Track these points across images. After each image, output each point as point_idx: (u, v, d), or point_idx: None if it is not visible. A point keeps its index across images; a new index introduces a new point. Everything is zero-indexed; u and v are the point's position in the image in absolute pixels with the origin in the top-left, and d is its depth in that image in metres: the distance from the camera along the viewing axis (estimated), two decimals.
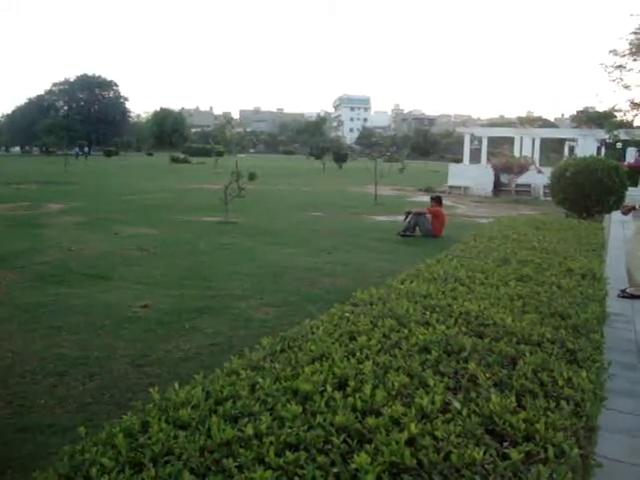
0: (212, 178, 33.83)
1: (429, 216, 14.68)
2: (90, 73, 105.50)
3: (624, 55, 23.84)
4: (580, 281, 4.47)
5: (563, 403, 2.17)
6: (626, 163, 28.53)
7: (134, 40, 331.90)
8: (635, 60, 23.39)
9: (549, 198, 18.29)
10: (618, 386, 4.98)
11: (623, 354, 5.96)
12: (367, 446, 1.82)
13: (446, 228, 14.87)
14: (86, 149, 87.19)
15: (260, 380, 2.33)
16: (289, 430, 1.92)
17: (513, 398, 2.17)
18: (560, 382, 2.36)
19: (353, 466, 1.71)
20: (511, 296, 3.74)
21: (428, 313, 3.23)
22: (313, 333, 2.94)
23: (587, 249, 6.08)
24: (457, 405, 2.07)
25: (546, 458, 1.80)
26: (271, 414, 2.06)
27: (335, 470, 1.71)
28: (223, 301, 8.15)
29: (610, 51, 23.84)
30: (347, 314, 3.24)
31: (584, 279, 4.58)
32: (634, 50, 23.28)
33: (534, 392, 2.28)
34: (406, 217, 14.92)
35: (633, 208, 9.16)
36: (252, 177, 20.95)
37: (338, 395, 2.16)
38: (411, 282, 4.06)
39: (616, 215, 16.92)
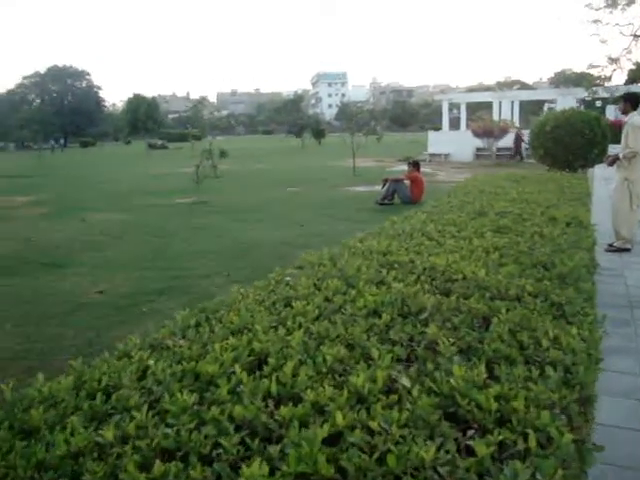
0: (188, 162, 32.98)
1: (407, 182, 14.10)
2: (61, 64, 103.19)
3: (599, 9, 23.27)
4: (565, 229, 3.94)
5: (549, 370, 1.64)
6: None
7: (105, 28, 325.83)
8: (611, 13, 22.83)
9: (532, 160, 17.82)
10: (611, 343, 4.47)
11: (615, 309, 5.46)
12: (271, 449, 1.27)
13: (426, 194, 14.29)
14: (62, 141, 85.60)
15: (153, 364, 1.77)
16: (168, 430, 1.37)
17: (483, 368, 1.63)
18: (544, 343, 1.83)
19: None
20: (486, 248, 3.20)
21: (385, 271, 2.68)
22: (240, 301, 2.38)
23: (571, 198, 5.56)
24: (405, 382, 1.53)
25: (526, 450, 1.26)
26: (153, 408, 1.50)
27: None
28: (186, 281, 7.58)
29: (585, 5, 23.24)
30: (287, 278, 2.69)
31: (569, 227, 4.05)
32: (609, 2, 22.69)
33: (511, 358, 1.74)
34: (383, 185, 14.35)
35: (617, 158, 8.64)
36: (223, 155, 20.23)
37: (249, 378, 1.61)
38: (372, 240, 3.50)
39: (599, 171, 16.46)
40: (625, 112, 8.59)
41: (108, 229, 12.39)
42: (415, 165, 14.54)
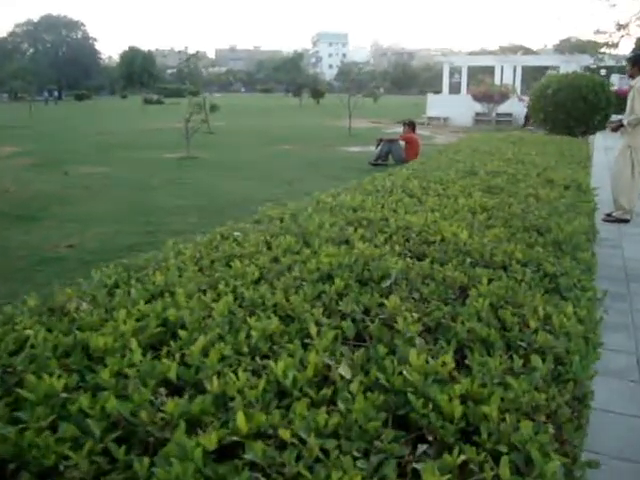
0: (183, 117, 32.18)
1: (402, 143, 13.60)
2: (55, 13, 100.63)
3: None
4: (563, 192, 3.55)
5: (535, 360, 1.26)
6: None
7: None
8: None
9: (531, 128, 17.27)
10: (606, 319, 4.12)
11: (611, 282, 5.10)
12: (138, 464, 0.90)
13: (421, 156, 13.83)
14: (55, 94, 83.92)
15: (32, 334, 1.38)
16: (7, 430, 0.99)
17: (451, 355, 1.25)
18: (532, 324, 1.45)
19: None
20: (473, 208, 2.81)
21: (351, 229, 2.29)
22: (171, 259, 1.99)
23: (571, 162, 5.15)
24: (344, 372, 1.14)
25: (495, 478, 0.89)
26: (8, 395, 1.13)
27: None
28: (160, 237, 7.17)
29: None
30: (236, 233, 2.29)
31: (567, 190, 3.66)
32: None
33: (488, 342, 1.36)
34: (377, 145, 13.86)
35: (621, 125, 8.19)
36: (214, 109, 19.64)
37: (145, 358, 1.23)
38: (346, 195, 3.10)
39: (601, 139, 15.98)
40: (632, 75, 8.10)
41: (90, 182, 11.97)
42: (410, 125, 14.02)
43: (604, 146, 15.22)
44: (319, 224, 2.28)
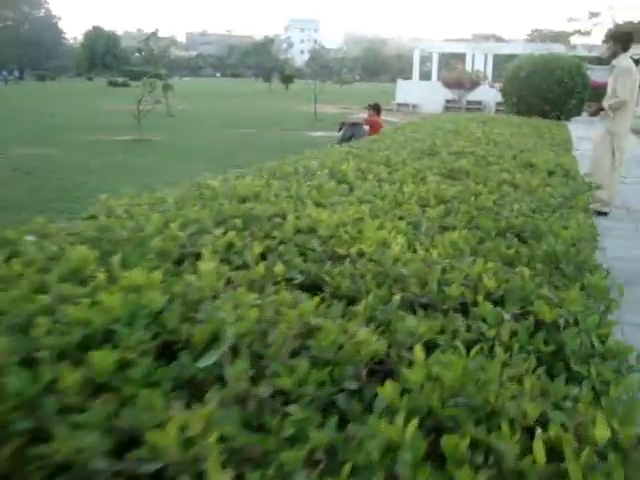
0: (146, 100, 30.82)
1: (366, 127, 12.70)
2: None
3: None
4: (547, 179, 2.68)
5: None
6: None
7: None
8: None
9: (503, 115, 16.53)
10: None
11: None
12: None
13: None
14: (16, 73, 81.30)
15: None
16: None
17: None
18: None
19: None
20: (424, 199, 1.91)
21: (218, 232, 1.36)
22: None
23: (552, 144, 4.31)
24: None
25: None
26: None
27: None
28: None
29: None
30: (30, 236, 1.36)
31: (552, 177, 2.79)
32: None
33: None
34: (340, 129, 12.96)
35: (601, 109, 7.41)
36: (166, 88, 18.59)
37: None
38: (246, 178, 2.17)
39: (575, 126, 15.30)
40: (615, 54, 7.31)
41: (24, 164, 10.94)
42: (375, 109, 13.10)
43: (577, 134, 14.56)
44: (162, 225, 1.36)
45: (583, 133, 12.85)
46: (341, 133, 12.79)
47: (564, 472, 0.68)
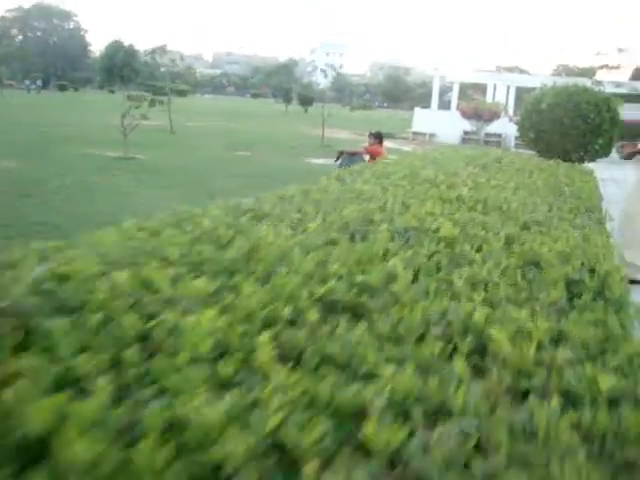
0: (157, 115, 29.91)
1: (366, 157, 11.50)
2: (46, 2, 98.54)
3: None
4: (573, 302, 1.40)
5: None
6: None
7: None
8: None
9: (521, 150, 15.28)
10: None
11: None
12: None
13: None
14: (39, 83, 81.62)
15: None
16: None
17: None
18: None
19: None
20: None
21: None
22: None
23: (573, 208, 3.03)
24: None
25: None
26: None
27: None
28: None
29: None
30: None
31: (576, 298, 1.52)
32: None
33: None
34: (337, 158, 11.81)
35: (638, 152, 6.15)
36: (152, 104, 17.71)
37: None
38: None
39: (599, 168, 13.98)
40: None
41: None
42: (377, 137, 11.88)
43: (601, 176, 13.23)
44: None
45: (606, 174, 11.56)
46: (338, 162, 11.61)
47: None
